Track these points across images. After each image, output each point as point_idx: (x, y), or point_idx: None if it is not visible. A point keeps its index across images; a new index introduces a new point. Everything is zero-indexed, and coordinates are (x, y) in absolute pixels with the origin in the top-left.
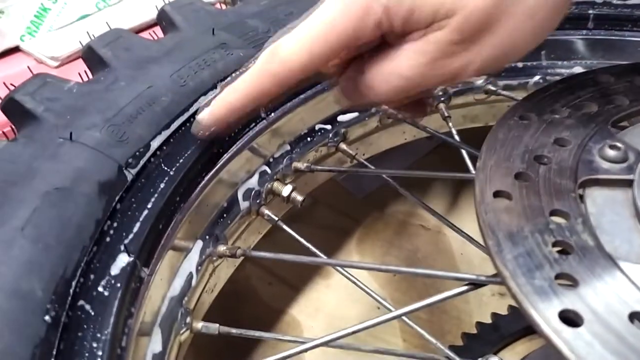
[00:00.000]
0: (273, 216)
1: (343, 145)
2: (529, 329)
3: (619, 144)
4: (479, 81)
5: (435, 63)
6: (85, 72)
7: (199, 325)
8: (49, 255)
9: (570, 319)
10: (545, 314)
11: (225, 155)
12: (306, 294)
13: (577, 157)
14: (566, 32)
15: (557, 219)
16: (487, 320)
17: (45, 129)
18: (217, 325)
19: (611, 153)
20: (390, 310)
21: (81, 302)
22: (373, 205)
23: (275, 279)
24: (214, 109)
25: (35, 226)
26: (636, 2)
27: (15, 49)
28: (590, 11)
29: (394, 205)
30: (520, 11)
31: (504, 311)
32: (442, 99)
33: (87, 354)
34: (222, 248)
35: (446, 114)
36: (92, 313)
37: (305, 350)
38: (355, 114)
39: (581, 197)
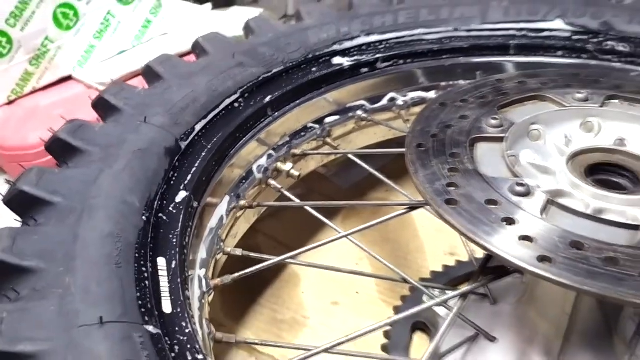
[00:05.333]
0: (278, 185)
1: (328, 140)
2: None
3: (498, 117)
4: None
5: None
6: None
7: (228, 249)
8: (140, 185)
9: (453, 201)
10: (437, 202)
11: (243, 140)
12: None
13: (472, 125)
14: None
15: (453, 158)
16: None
17: (126, 116)
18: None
19: (493, 122)
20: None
21: (160, 214)
22: (355, 193)
23: (279, 244)
24: None
25: (131, 169)
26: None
27: (68, 78)
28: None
29: (371, 193)
30: None
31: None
32: (403, 108)
33: (166, 242)
34: (242, 202)
35: (406, 118)
36: (168, 220)
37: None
38: (338, 117)
39: (472, 148)
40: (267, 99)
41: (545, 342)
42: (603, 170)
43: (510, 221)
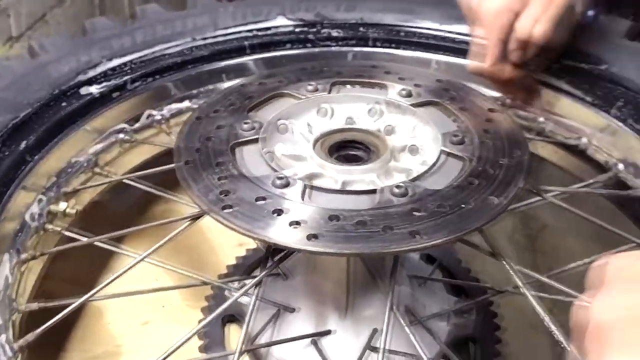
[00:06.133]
0: (57, 228)
1: (97, 169)
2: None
3: (249, 121)
4: None
5: None
6: None
7: (23, 307)
8: None
9: (228, 206)
10: (216, 210)
11: (7, 192)
12: None
13: (228, 133)
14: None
15: (220, 167)
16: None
17: None
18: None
19: (246, 126)
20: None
21: None
22: (138, 211)
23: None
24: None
25: None
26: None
27: None
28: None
29: (154, 208)
30: None
31: None
32: (163, 122)
33: None
34: (24, 255)
35: (168, 131)
36: None
37: None
38: (101, 145)
39: (234, 154)
40: (23, 145)
41: (334, 300)
42: (343, 148)
43: (279, 212)
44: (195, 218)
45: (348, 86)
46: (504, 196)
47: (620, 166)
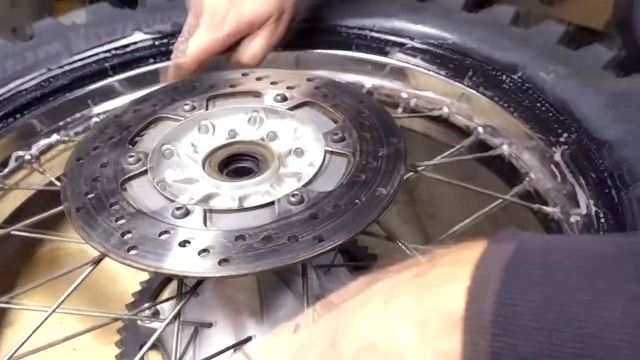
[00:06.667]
0: None
1: None
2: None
3: (133, 153)
4: None
5: None
6: None
7: None
8: None
9: (134, 247)
10: (121, 254)
11: None
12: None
13: (115, 170)
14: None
15: (114, 207)
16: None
17: None
18: None
19: (131, 160)
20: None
21: None
22: (26, 257)
23: None
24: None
25: None
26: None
27: None
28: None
29: (44, 251)
30: None
31: None
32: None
33: None
34: None
35: (41, 170)
36: None
37: None
38: None
39: (126, 190)
40: None
41: (248, 307)
42: (232, 162)
43: (185, 243)
44: (98, 261)
45: (225, 98)
46: (390, 185)
47: (480, 129)
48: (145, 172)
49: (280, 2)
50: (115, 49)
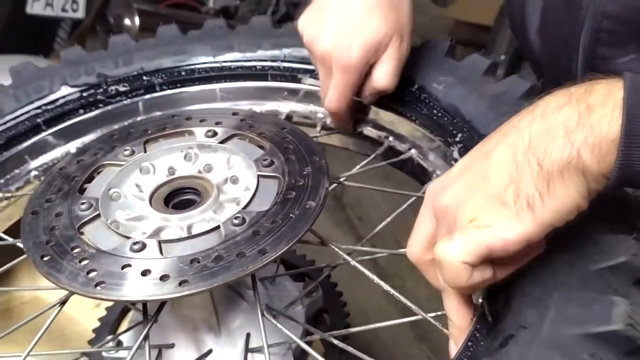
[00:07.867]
0: None
1: None
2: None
3: (84, 200)
4: None
5: None
6: None
7: None
8: None
9: (100, 282)
10: (90, 291)
11: None
12: None
13: (70, 217)
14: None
15: (75, 250)
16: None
17: None
18: None
19: (84, 206)
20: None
21: None
22: None
23: None
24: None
25: None
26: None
27: None
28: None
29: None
30: None
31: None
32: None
33: None
34: None
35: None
36: None
37: None
38: None
39: (83, 234)
40: None
41: (205, 323)
42: (176, 196)
43: (146, 272)
44: (64, 302)
45: (160, 140)
46: (318, 198)
47: (391, 138)
48: (98, 215)
49: (396, 20)
50: (46, 104)
